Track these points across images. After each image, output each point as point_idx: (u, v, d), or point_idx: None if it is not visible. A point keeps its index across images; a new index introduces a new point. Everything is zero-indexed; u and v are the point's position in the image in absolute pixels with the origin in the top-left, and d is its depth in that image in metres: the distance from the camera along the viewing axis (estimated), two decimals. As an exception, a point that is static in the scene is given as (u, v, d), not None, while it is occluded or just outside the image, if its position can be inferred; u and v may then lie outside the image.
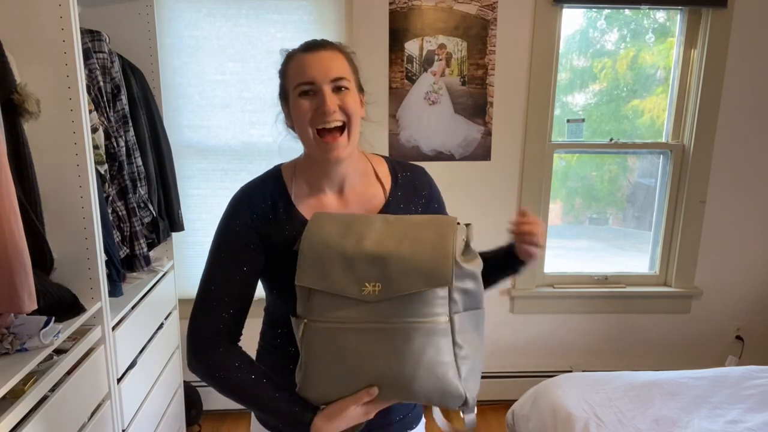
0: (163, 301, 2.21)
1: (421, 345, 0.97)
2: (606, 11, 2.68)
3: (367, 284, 0.97)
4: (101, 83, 1.76)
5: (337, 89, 1.07)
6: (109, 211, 1.77)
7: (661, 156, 2.83)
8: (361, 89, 1.14)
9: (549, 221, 2.80)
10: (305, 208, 1.16)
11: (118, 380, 1.74)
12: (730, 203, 2.78)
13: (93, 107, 1.66)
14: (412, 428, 1.27)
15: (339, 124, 1.07)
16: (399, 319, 0.97)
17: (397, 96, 2.56)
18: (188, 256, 2.65)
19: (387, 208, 1.17)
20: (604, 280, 2.89)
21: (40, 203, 1.44)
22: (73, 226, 1.53)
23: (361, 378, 0.99)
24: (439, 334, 0.98)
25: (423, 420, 1.31)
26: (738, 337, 2.95)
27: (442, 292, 0.97)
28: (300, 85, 1.07)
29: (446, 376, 0.98)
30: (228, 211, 1.18)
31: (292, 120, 1.16)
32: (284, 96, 1.16)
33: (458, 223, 1.03)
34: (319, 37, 1.15)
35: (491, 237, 2.98)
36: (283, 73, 1.14)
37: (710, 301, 2.90)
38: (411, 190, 1.22)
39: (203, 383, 2.93)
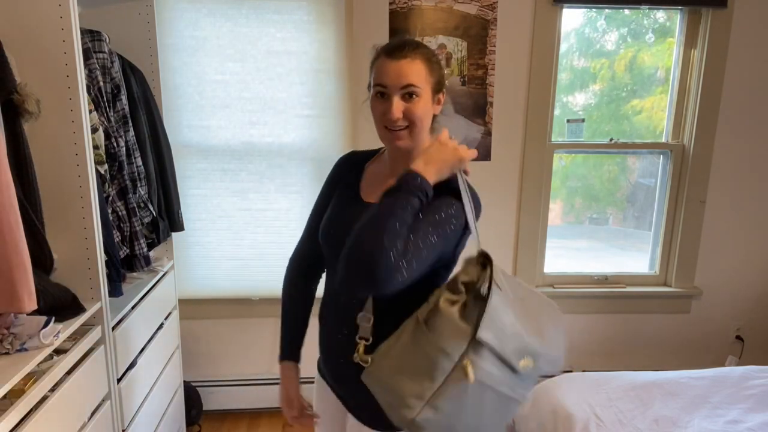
0: (163, 301, 2.21)
1: (514, 412, 1.14)
2: (606, 11, 2.68)
3: (525, 358, 1.07)
4: (101, 83, 1.76)
5: (408, 95, 1.16)
6: (109, 211, 1.77)
7: (661, 156, 2.83)
8: (439, 89, 1.22)
9: (549, 221, 2.80)
10: (366, 182, 1.33)
11: (118, 380, 1.74)
12: (730, 203, 2.78)
13: (93, 107, 1.66)
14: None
15: (402, 128, 1.18)
16: (522, 392, 1.11)
17: (397, 96, 2.56)
18: (188, 256, 2.65)
19: None
20: (604, 280, 2.89)
21: (40, 203, 1.44)
22: (73, 226, 1.53)
23: (472, 429, 1.09)
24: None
25: None
26: (738, 337, 2.95)
27: None
28: (376, 86, 1.19)
29: None
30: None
31: None
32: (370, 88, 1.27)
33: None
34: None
35: (492, 237, 2.98)
36: (371, 69, 1.24)
37: (710, 301, 2.90)
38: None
39: (203, 383, 2.95)
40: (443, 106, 1.26)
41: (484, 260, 1.10)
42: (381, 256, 0.99)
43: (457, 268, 1.18)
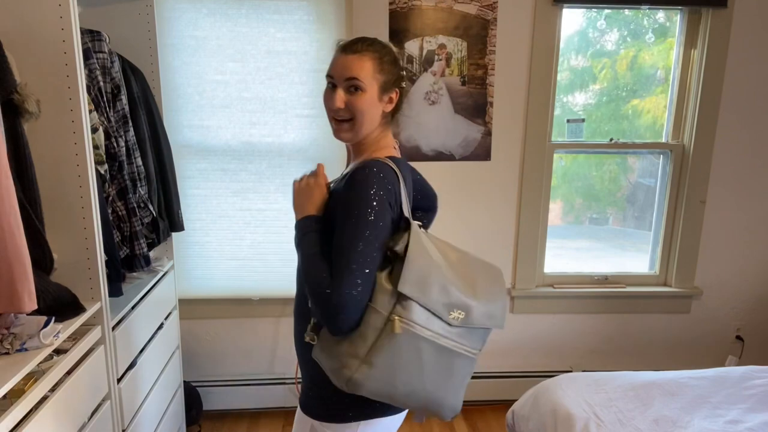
0: (163, 301, 2.21)
1: (466, 370, 1.21)
2: (606, 11, 2.68)
3: (455, 311, 1.15)
4: (101, 83, 1.76)
5: (353, 89, 1.22)
6: (109, 211, 1.77)
7: (661, 156, 2.83)
8: (389, 88, 1.25)
9: (549, 221, 2.80)
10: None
11: (118, 380, 1.74)
12: (730, 203, 2.78)
13: (93, 107, 1.66)
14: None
15: (344, 118, 1.24)
16: (464, 346, 1.18)
17: (397, 96, 2.56)
18: (188, 256, 2.65)
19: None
20: (604, 280, 2.89)
21: (40, 203, 1.44)
22: (73, 226, 1.53)
23: (415, 382, 1.14)
24: (474, 364, 1.22)
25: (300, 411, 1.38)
26: (738, 337, 2.95)
27: (490, 330, 1.24)
28: (327, 77, 1.26)
29: (460, 397, 1.22)
30: None
31: None
32: None
33: None
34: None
35: (491, 237, 2.98)
36: None
37: (710, 301, 2.90)
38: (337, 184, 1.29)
39: (203, 383, 2.94)
40: (403, 106, 1.31)
41: (406, 225, 1.18)
42: (318, 302, 1.11)
43: None
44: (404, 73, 1.29)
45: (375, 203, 1.13)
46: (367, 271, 1.11)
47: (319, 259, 1.16)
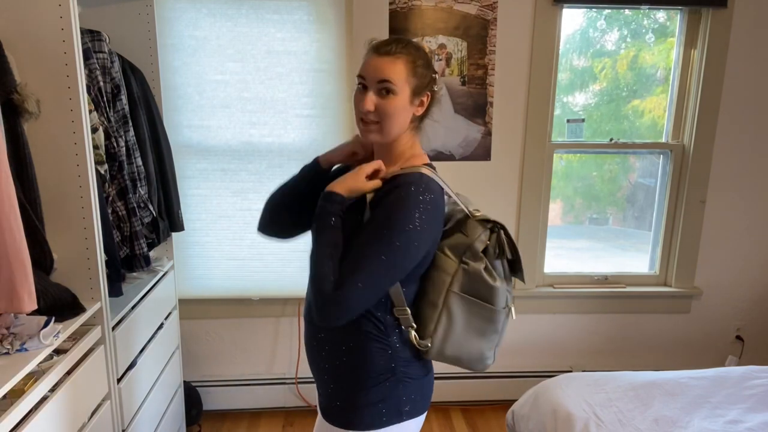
0: (163, 301, 2.21)
1: None
2: (606, 11, 2.68)
3: None
4: (101, 83, 1.76)
5: (384, 91, 1.19)
6: (109, 211, 1.77)
7: (661, 156, 2.83)
8: (421, 92, 1.24)
9: (549, 221, 2.80)
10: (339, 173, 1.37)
11: (118, 380, 1.74)
12: (730, 203, 2.78)
13: (93, 107, 1.66)
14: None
15: (374, 122, 1.22)
16: None
17: (397, 96, 2.56)
18: (188, 256, 2.65)
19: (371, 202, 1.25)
20: (604, 280, 2.89)
21: (40, 203, 1.44)
22: (73, 226, 1.53)
23: None
24: None
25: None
26: (738, 337, 2.95)
27: None
28: (358, 77, 1.24)
29: None
30: None
31: None
32: None
33: None
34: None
35: (491, 237, 2.93)
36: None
37: (710, 301, 2.90)
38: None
39: (203, 383, 2.93)
40: (432, 110, 1.30)
41: (493, 226, 1.26)
42: (318, 301, 1.13)
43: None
44: (436, 76, 1.27)
45: (417, 224, 1.15)
46: (379, 282, 1.14)
47: (333, 249, 1.15)
